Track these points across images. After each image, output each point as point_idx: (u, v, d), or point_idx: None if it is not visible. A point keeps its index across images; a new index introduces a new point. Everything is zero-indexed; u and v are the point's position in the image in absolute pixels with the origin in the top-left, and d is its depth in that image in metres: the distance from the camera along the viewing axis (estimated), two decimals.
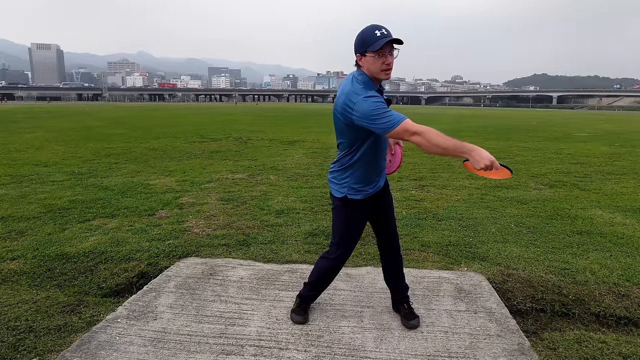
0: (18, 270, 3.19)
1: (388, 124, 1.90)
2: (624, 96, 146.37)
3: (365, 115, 1.95)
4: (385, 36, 1.97)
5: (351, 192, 2.26)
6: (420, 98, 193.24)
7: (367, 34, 2.00)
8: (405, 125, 1.88)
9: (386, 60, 2.01)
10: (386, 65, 2.02)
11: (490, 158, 1.77)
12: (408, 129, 1.88)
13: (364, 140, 2.13)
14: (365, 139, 2.13)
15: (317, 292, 2.54)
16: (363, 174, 2.23)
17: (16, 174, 6.94)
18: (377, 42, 1.96)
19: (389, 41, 1.97)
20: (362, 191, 2.27)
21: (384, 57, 2.00)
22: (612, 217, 4.76)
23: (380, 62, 2.01)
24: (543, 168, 8.17)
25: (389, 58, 2.01)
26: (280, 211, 4.81)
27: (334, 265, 2.43)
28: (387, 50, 2.00)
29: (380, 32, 1.97)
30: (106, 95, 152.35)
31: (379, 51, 1.98)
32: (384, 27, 2.00)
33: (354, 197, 2.27)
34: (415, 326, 2.42)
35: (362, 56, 2.04)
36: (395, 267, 2.53)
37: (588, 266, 3.33)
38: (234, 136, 14.27)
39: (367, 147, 2.16)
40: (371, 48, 1.98)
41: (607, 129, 21.44)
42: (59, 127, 18.22)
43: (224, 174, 7.14)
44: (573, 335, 2.45)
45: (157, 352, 2.17)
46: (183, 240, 3.81)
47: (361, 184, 2.25)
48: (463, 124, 24.75)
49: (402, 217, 4.61)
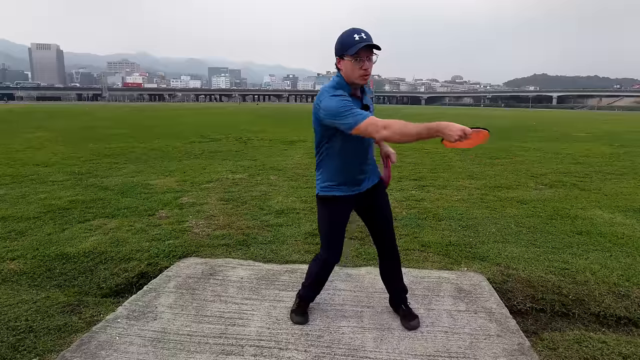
0: (18, 270, 3.20)
1: (353, 120, 1.93)
2: (624, 96, 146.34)
3: (330, 113, 1.98)
4: (363, 40, 1.97)
5: (324, 189, 2.27)
6: (420, 98, 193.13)
7: (346, 38, 2.00)
8: (370, 121, 1.91)
9: (363, 65, 2.01)
10: (363, 71, 2.02)
11: (461, 127, 1.80)
12: (373, 123, 1.90)
13: (330, 137, 2.14)
14: (331, 137, 2.14)
15: (314, 292, 2.54)
16: (336, 171, 2.22)
17: (16, 174, 6.94)
18: (354, 47, 1.97)
19: (367, 46, 1.97)
20: (336, 189, 2.25)
21: (362, 62, 2.01)
22: (612, 217, 4.76)
23: (358, 67, 2.01)
24: (543, 168, 8.17)
25: (366, 63, 2.02)
26: (280, 211, 4.81)
27: (324, 266, 2.43)
28: (364, 56, 2.00)
29: (359, 37, 1.98)
30: (106, 95, 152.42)
31: (355, 56, 1.99)
32: (364, 31, 2.00)
33: (327, 194, 2.26)
34: (415, 327, 2.41)
35: (340, 59, 2.05)
36: (392, 269, 2.51)
37: (588, 266, 3.33)
38: (234, 136, 14.27)
39: (336, 144, 2.16)
40: (348, 52, 1.99)
41: (607, 129, 21.44)
42: (59, 127, 18.23)
43: (224, 174, 7.14)
44: (573, 335, 2.45)
45: (157, 352, 2.17)
46: (183, 240, 3.81)
47: (334, 181, 2.24)
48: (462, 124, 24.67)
49: (402, 217, 4.61)
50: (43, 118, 25.98)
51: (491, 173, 7.52)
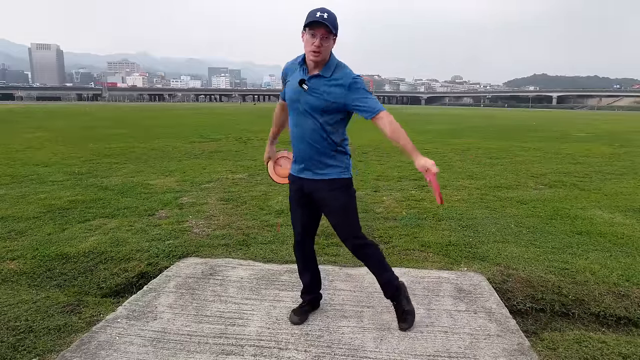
0: (18, 270, 3.19)
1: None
2: (624, 96, 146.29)
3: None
4: (315, 18, 2.01)
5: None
6: (420, 98, 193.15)
7: (310, 13, 2.05)
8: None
9: (315, 42, 2.04)
10: (315, 47, 2.05)
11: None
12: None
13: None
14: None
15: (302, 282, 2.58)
16: (292, 144, 2.33)
17: (16, 174, 6.94)
18: (308, 19, 2.03)
19: (324, 26, 2.01)
20: (292, 166, 2.39)
21: (315, 38, 2.04)
22: (612, 217, 4.76)
23: (311, 43, 2.06)
24: (543, 168, 8.17)
25: (318, 41, 2.04)
26: (280, 211, 4.81)
27: (293, 244, 2.54)
28: (318, 33, 2.03)
29: (319, 14, 2.01)
30: (106, 95, 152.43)
31: (310, 30, 2.04)
32: (328, 11, 2.04)
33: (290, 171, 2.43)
34: (405, 328, 2.38)
35: (303, 34, 2.11)
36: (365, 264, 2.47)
37: (588, 266, 3.33)
38: (234, 136, 14.27)
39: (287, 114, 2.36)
40: (305, 25, 2.05)
41: (607, 129, 21.44)
42: (59, 127, 18.22)
43: (224, 174, 7.14)
44: (573, 335, 2.45)
45: (157, 352, 2.17)
46: (183, 240, 3.81)
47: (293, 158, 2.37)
48: (462, 124, 24.73)
49: (402, 217, 4.62)
50: (43, 118, 25.98)
51: (491, 173, 7.53)
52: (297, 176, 2.35)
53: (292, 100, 2.22)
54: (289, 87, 2.24)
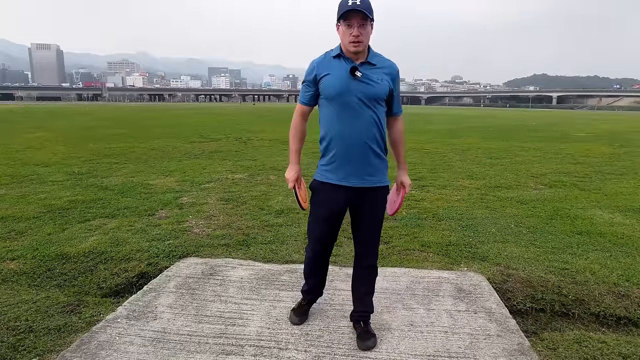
0: (18, 270, 3.19)
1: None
2: (624, 96, 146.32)
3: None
4: (350, 6, 1.93)
5: (318, 173, 2.19)
6: (420, 98, 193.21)
7: (341, 3, 1.99)
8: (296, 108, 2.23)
9: (353, 32, 1.97)
10: (353, 37, 1.97)
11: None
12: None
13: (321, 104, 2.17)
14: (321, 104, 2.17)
15: (307, 284, 2.48)
16: (325, 148, 2.13)
17: (16, 174, 6.93)
18: (341, 10, 1.97)
19: (361, 14, 1.95)
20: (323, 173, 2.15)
21: (352, 27, 1.97)
22: (612, 217, 4.76)
23: (349, 33, 1.98)
24: (543, 168, 8.17)
25: (356, 29, 1.97)
26: (280, 211, 4.81)
27: (307, 256, 2.38)
28: (354, 22, 1.97)
29: (351, 2, 1.94)
30: (106, 96, 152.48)
31: (346, 21, 1.98)
32: None
33: (317, 178, 2.18)
34: (370, 347, 2.19)
35: (338, 26, 2.04)
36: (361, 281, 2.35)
37: (588, 266, 3.33)
38: (234, 136, 14.27)
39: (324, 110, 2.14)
40: (339, 17, 1.99)
41: (607, 129, 21.44)
42: (59, 127, 18.22)
43: (224, 174, 7.14)
44: (573, 335, 2.45)
45: (157, 352, 2.16)
46: (183, 240, 3.81)
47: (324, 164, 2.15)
48: (462, 124, 24.74)
49: (402, 217, 4.61)
50: (43, 118, 25.98)
51: (491, 173, 7.52)
52: (337, 184, 2.10)
53: (339, 93, 2.02)
54: (330, 80, 2.04)
